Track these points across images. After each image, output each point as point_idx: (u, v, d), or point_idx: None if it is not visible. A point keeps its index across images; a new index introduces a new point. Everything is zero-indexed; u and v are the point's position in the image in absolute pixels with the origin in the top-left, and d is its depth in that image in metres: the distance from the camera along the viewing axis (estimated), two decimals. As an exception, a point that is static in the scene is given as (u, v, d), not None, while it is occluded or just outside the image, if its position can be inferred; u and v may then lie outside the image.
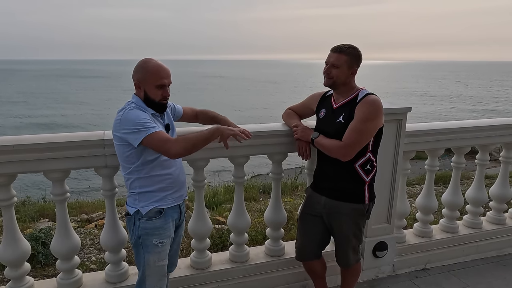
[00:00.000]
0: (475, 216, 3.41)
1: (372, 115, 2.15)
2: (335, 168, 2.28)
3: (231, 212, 2.75)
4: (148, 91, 1.94)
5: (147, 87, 1.93)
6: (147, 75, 1.93)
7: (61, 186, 2.29)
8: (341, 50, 2.17)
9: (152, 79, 1.92)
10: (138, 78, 1.95)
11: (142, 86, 1.94)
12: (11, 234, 2.25)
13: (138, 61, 1.99)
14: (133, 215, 2.02)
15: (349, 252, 2.42)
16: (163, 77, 1.93)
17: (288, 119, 2.55)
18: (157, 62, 1.94)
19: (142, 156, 1.92)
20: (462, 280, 3.05)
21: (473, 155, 3.44)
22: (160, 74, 1.93)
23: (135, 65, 1.97)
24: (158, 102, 1.96)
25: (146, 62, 1.94)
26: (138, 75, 1.95)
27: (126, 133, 1.86)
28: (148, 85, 1.93)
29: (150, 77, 1.92)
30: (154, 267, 2.03)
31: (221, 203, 5.61)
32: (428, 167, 3.17)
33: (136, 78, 1.96)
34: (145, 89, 1.94)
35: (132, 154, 1.92)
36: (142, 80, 1.94)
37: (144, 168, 1.95)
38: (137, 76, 1.95)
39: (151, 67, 1.93)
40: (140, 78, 1.94)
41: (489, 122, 3.21)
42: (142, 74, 1.94)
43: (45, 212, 5.23)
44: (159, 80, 1.92)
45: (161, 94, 1.95)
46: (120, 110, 1.93)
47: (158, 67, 1.93)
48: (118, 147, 1.96)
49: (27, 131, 25.75)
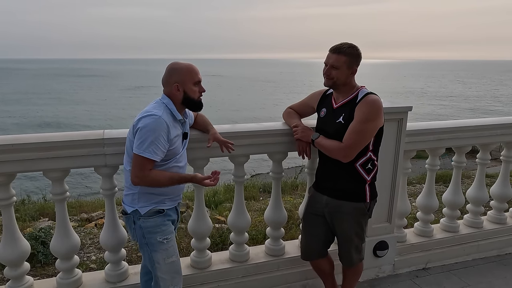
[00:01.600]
0: (475, 216, 3.40)
1: (372, 116, 2.14)
2: (336, 168, 2.27)
3: (231, 211, 2.74)
4: (188, 91, 1.98)
5: (186, 87, 1.97)
6: (183, 75, 1.97)
7: (61, 186, 2.28)
8: (340, 51, 2.15)
9: (189, 77, 1.98)
10: (176, 80, 1.97)
11: (181, 87, 1.97)
12: (10, 234, 2.25)
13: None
14: (131, 214, 2.01)
15: (352, 251, 2.42)
16: (197, 73, 2.01)
17: (289, 118, 2.54)
18: (186, 63, 2.01)
19: None
20: (463, 280, 3.04)
21: (473, 154, 3.43)
22: (195, 70, 2.00)
23: (166, 72, 2.00)
24: (197, 100, 2.02)
25: (177, 64, 2.00)
26: (175, 78, 1.97)
27: (138, 135, 1.87)
28: (187, 84, 1.97)
29: (187, 76, 1.97)
30: (165, 265, 2.03)
31: (221, 202, 5.61)
32: (428, 166, 3.16)
33: (174, 81, 1.97)
34: (185, 89, 1.98)
35: None
36: (180, 81, 1.97)
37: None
38: (175, 79, 1.97)
39: (185, 67, 1.98)
40: (178, 79, 1.97)
41: (490, 121, 3.20)
42: (179, 75, 1.97)
43: (45, 211, 5.23)
44: (196, 77, 2.00)
45: (199, 91, 2.02)
46: (150, 113, 1.88)
47: (190, 65, 2.00)
48: (131, 143, 1.95)
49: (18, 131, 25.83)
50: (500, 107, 40.46)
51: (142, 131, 1.86)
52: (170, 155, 1.97)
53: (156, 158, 1.88)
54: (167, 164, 1.98)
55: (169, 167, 1.99)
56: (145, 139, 1.84)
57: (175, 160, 2.02)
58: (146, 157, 1.85)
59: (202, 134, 2.31)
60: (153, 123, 1.86)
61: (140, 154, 1.85)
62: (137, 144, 1.86)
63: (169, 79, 1.98)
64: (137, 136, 1.87)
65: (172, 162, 2.00)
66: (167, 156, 1.95)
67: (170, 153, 1.97)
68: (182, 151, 2.08)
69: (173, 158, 2.00)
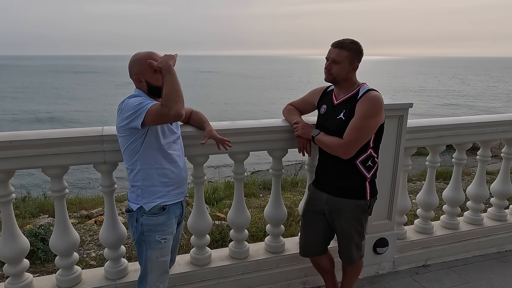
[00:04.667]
0: (476, 213, 3.40)
1: (372, 112, 2.13)
2: (336, 165, 2.26)
3: (231, 208, 2.74)
4: (149, 80, 1.94)
5: (147, 76, 1.94)
6: (141, 65, 1.93)
7: (60, 182, 2.27)
8: (342, 46, 2.14)
9: (148, 66, 1.92)
10: (136, 72, 1.95)
11: (142, 78, 1.95)
12: (9, 231, 2.24)
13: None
14: (135, 211, 2.01)
15: (352, 249, 2.41)
16: (156, 59, 1.92)
17: (289, 115, 2.53)
18: (145, 51, 1.96)
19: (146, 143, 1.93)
20: (463, 277, 3.04)
21: (474, 151, 3.42)
22: (153, 57, 1.93)
23: (129, 65, 1.97)
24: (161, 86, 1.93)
25: (136, 55, 1.97)
26: (135, 69, 1.96)
27: (128, 119, 1.85)
28: (147, 73, 1.93)
29: (145, 65, 1.93)
30: (157, 263, 2.04)
31: (221, 199, 5.61)
32: (429, 163, 3.15)
33: (134, 73, 1.96)
34: (146, 79, 1.94)
35: (138, 143, 1.93)
36: (140, 72, 1.94)
37: (148, 158, 1.95)
38: (135, 71, 1.96)
39: (143, 56, 1.94)
40: (138, 71, 1.95)
41: (490, 118, 3.18)
42: (138, 66, 1.94)
43: (45, 208, 5.23)
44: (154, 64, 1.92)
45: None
46: (121, 103, 1.92)
47: (149, 53, 1.95)
48: (122, 139, 1.96)
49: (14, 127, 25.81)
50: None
51: (124, 111, 1.85)
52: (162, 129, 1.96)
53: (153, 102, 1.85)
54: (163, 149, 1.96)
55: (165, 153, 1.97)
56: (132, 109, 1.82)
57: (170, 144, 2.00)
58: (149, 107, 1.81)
59: (199, 131, 2.30)
60: (126, 102, 1.87)
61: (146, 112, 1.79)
62: (136, 119, 1.82)
63: (131, 71, 1.97)
64: (127, 118, 1.84)
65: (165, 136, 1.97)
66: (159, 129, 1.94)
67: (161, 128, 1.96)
68: (177, 136, 2.08)
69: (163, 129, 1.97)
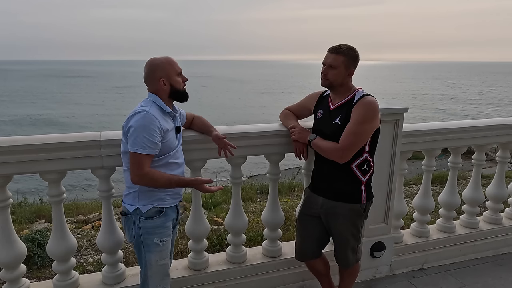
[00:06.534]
0: (471, 216, 3.42)
1: (368, 117, 2.16)
2: (332, 169, 2.28)
3: (229, 213, 2.74)
4: (173, 83, 2.00)
5: (171, 80, 1.99)
6: (166, 68, 1.98)
7: (57, 187, 2.27)
8: (338, 51, 2.17)
9: (172, 69, 2.00)
10: (161, 75, 1.98)
11: (167, 81, 1.98)
12: (6, 236, 2.24)
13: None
14: (132, 213, 2.01)
15: (348, 253, 2.42)
16: (177, 64, 2.03)
17: (285, 119, 2.55)
18: (164, 56, 2.02)
19: None
20: (459, 280, 3.05)
21: (469, 155, 3.45)
22: (175, 62, 2.02)
23: (148, 69, 2.00)
24: (183, 90, 2.04)
25: (156, 60, 2.01)
26: (159, 73, 1.98)
27: (130, 134, 1.88)
28: (171, 77, 1.99)
29: (170, 69, 1.99)
30: (156, 267, 2.04)
31: (218, 204, 5.60)
32: (425, 167, 3.17)
33: (159, 76, 1.98)
34: (171, 82, 1.99)
35: None
36: (165, 75, 1.98)
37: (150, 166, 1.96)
38: (159, 74, 1.98)
39: (166, 61, 2.00)
40: (163, 74, 1.98)
41: (485, 122, 3.22)
42: (162, 70, 1.98)
43: (42, 213, 5.20)
44: (177, 68, 2.02)
45: (182, 81, 2.05)
46: (137, 111, 1.90)
47: (169, 58, 2.02)
48: (124, 144, 1.96)
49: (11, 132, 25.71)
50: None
51: (133, 129, 1.87)
52: (165, 149, 1.97)
53: (152, 152, 1.88)
54: (164, 159, 1.98)
55: (167, 162, 1.99)
56: (137, 136, 1.85)
57: (171, 156, 2.02)
58: (142, 153, 1.86)
59: (199, 135, 2.31)
60: (142, 119, 1.87)
61: (136, 152, 1.86)
62: (130, 142, 1.87)
63: (154, 75, 1.99)
64: (129, 135, 1.88)
65: (168, 157, 2.00)
66: (162, 150, 1.95)
67: (165, 147, 1.97)
68: (178, 147, 2.08)
69: (169, 153, 2.00)
